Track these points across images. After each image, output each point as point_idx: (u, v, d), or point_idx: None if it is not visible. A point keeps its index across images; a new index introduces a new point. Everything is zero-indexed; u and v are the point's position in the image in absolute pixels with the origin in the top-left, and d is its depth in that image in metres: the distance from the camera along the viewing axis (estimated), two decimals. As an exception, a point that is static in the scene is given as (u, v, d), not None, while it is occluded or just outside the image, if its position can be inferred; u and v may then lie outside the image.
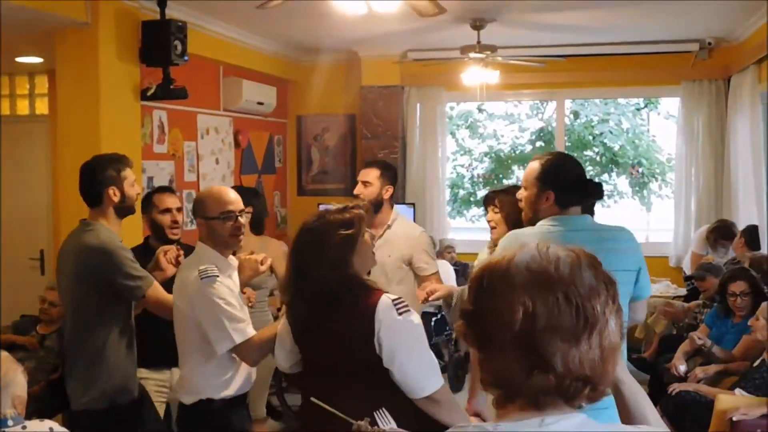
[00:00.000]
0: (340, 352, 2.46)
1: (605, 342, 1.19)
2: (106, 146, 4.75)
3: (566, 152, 3.38)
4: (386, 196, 4.13)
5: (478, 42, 5.98)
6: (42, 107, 6.85)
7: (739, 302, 4.89)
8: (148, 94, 5.07)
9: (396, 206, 4.34)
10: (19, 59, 6.16)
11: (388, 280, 4.11)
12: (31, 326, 4.94)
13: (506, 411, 1.23)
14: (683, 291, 6.72)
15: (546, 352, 1.16)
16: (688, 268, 6.72)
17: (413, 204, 7.47)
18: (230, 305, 2.86)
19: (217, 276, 2.89)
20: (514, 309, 1.18)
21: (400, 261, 4.15)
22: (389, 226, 4.14)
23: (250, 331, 2.85)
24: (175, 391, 3.13)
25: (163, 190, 4.11)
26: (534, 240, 1.29)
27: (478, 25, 5.92)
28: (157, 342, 3.44)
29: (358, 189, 4.18)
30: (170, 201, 3.98)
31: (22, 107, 6.99)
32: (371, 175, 4.15)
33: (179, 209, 4.07)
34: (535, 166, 2.88)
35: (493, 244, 3.94)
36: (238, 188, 4.20)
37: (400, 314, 2.45)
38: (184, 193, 6.04)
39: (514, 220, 3.86)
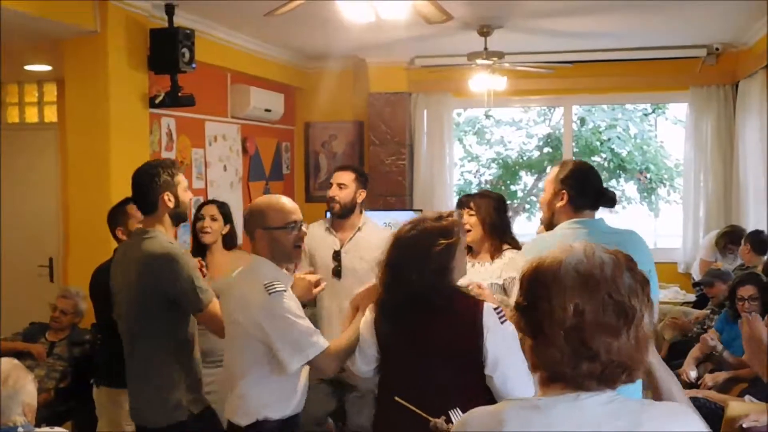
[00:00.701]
0: (440, 358, 2.49)
1: (641, 333, 1.38)
2: (114, 154, 4.78)
3: (581, 161, 3.48)
4: (359, 199, 4.26)
5: (486, 48, 5.98)
6: (51, 115, 6.88)
7: (747, 306, 4.87)
8: (157, 101, 5.09)
9: (404, 212, 4.41)
10: (27, 67, 6.19)
11: (360, 283, 4.06)
12: (41, 334, 4.95)
13: (549, 389, 1.42)
14: (692, 297, 6.70)
15: (593, 345, 1.35)
16: (697, 275, 6.70)
17: (421, 210, 7.46)
18: (301, 318, 2.76)
19: (285, 290, 2.79)
20: (565, 308, 1.36)
21: (371, 264, 4.12)
22: (359, 229, 4.26)
23: (324, 341, 2.75)
24: (226, 411, 2.93)
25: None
26: (556, 241, 1.55)
27: (485, 32, 5.93)
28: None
29: (333, 191, 4.26)
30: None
31: (31, 115, 7.02)
32: (346, 177, 4.25)
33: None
34: (554, 169, 3.09)
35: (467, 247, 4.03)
36: (213, 202, 4.32)
37: (501, 322, 2.49)
38: (192, 200, 6.05)
39: (489, 223, 3.93)
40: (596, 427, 1.35)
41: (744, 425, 3.92)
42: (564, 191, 2.99)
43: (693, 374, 4.80)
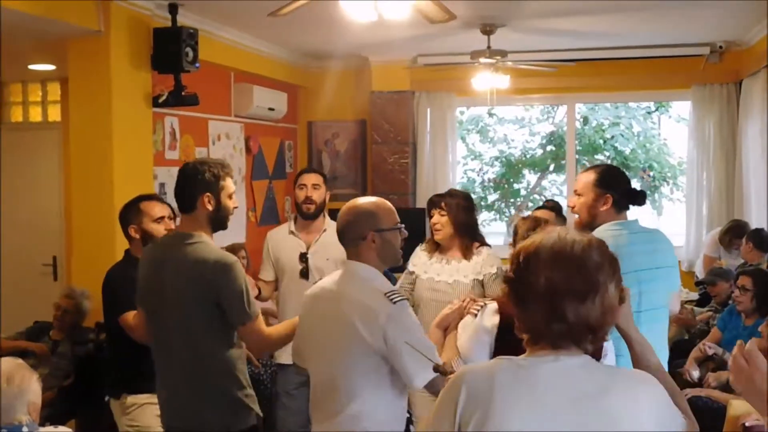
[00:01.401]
0: None
1: (606, 301, 1.66)
2: (118, 153, 4.79)
3: (613, 165, 3.68)
4: (327, 200, 4.39)
5: (489, 47, 5.98)
6: (54, 114, 6.90)
7: (738, 294, 4.92)
8: (160, 100, 5.10)
9: (407, 210, 4.45)
10: (31, 67, 6.21)
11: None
12: (44, 332, 4.97)
13: (532, 350, 1.70)
14: (695, 295, 6.69)
15: (561, 308, 1.63)
16: (700, 272, 6.70)
17: (424, 209, 7.45)
18: (422, 330, 2.65)
19: (407, 298, 2.69)
20: (539, 277, 1.65)
21: (338, 264, 4.16)
22: (325, 230, 4.32)
23: (438, 357, 2.57)
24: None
25: (151, 198, 3.72)
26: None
27: (488, 30, 5.93)
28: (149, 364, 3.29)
29: (310, 192, 4.29)
30: (161, 209, 3.66)
31: (35, 114, 7.04)
32: (318, 179, 4.35)
33: (171, 217, 3.85)
34: (590, 174, 3.25)
35: (434, 246, 4.16)
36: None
37: None
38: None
39: (459, 222, 4.04)
40: (573, 384, 1.63)
41: (747, 424, 3.92)
42: (608, 195, 3.17)
43: (695, 374, 4.80)
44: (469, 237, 4.10)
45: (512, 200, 11.20)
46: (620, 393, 1.63)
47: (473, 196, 4.49)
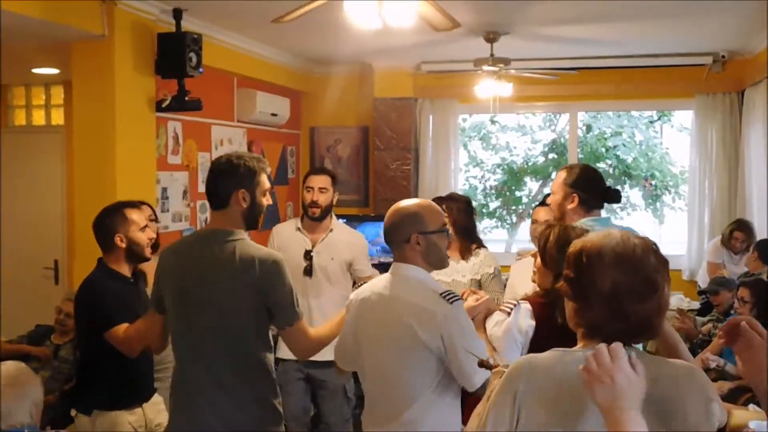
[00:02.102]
0: None
1: (662, 301, 1.76)
2: (120, 157, 4.80)
3: (585, 164, 3.73)
4: (334, 202, 4.51)
5: (492, 55, 5.99)
6: (57, 118, 6.92)
7: (738, 305, 4.92)
8: (163, 105, 5.10)
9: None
10: (35, 70, 6.23)
11: (330, 282, 4.46)
12: (46, 336, 4.97)
13: (587, 343, 1.76)
14: (696, 305, 6.68)
15: (626, 309, 1.70)
16: (702, 280, 6.69)
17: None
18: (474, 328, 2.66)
19: (462, 298, 2.68)
20: (605, 280, 1.71)
21: (342, 264, 4.48)
22: (331, 231, 4.44)
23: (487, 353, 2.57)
24: None
25: (133, 204, 3.56)
26: None
27: (491, 38, 5.93)
28: (127, 379, 3.29)
29: (315, 195, 4.39)
30: (145, 216, 3.56)
31: (38, 118, 7.06)
32: (326, 181, 4.45)
33: (152, 219, 3.76)
34: (562, 173, 3.37)
35: None
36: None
37: None
38: (197, 204, 6.07)
39: (459, 224, 4.20)
40: None
41: (751, 426, 3.92)
42: (574, 194, 3.27)
43: None
44: (468, 239, 4.27)
45: (514, 207, 11.19)
46: (668, 382, 1.70)
47: (474, 203, 4.55)
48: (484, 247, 4.37)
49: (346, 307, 2.89)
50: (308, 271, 4.42)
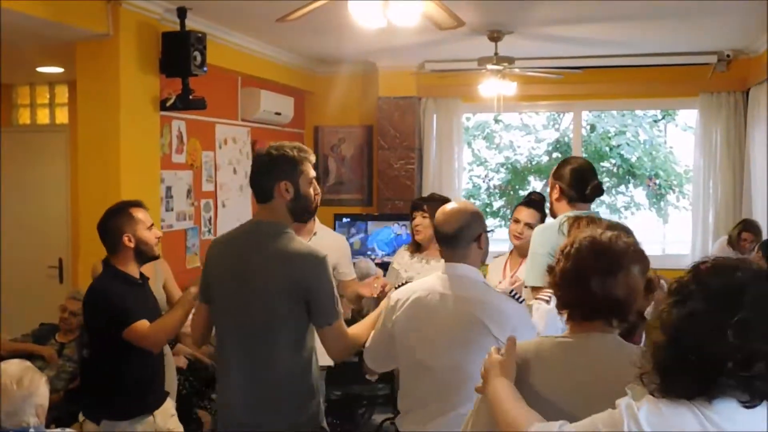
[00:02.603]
0: None
1: (630, 283, 1.84)
2: (125, 156, 4.80)
3: (582, 158, 3.72)
4: (319, 202, 4.14)
5: (496, 54, 5.99)
6: (62, 117, 6.93)
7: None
8: (168, 104, 5.11)
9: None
10: (39, 69, 6.24)
11: None
12: (50, 335, 4.97)
13: (572, 325, 1.90)
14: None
15: (588, 284, 1.83)
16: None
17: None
18: None
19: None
20: (574, 262, 1.87)
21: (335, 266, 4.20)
22: (315, 234, 4.13)
23: None
24: None
25: (137, 204, 3.44)
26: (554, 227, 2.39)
27: (495, 37, 5.93)
28: (139, 387, 3.23)
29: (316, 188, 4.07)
30: (149, 216, 3.48)
31: (43, 116, 7.07)
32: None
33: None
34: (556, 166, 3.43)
35: (416, 246, 4.35)
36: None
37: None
38: (201, 203, 6.08)
39: None
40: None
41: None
42: (556, 185, 3.33)
43: None
44: None
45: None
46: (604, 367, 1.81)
47: (478, 203, 4.55)
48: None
49: (386, 307, 2.83)
50: None
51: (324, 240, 4.20)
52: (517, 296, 2.67)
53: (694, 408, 1.43)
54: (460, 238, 2.72)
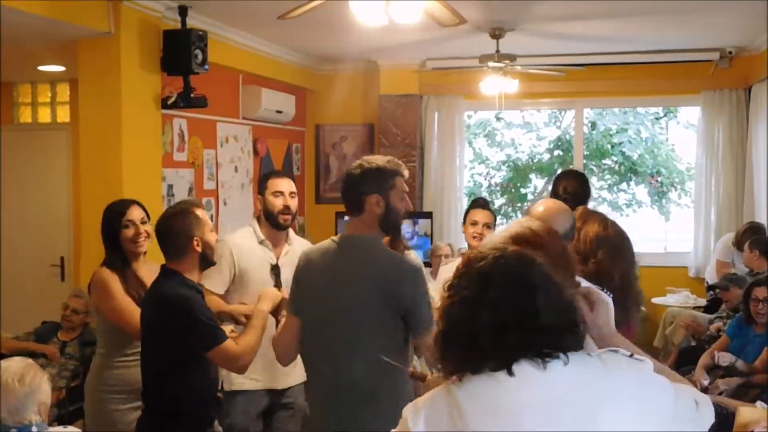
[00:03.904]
0: None
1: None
2: (126, 154, 4.80)
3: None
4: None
5: (497, 51, 5.98)
6: (63, 115, 6.92)
7: (761, 308, 4.86)
8: (169, 102, 5.11)
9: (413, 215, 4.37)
10: (41, 68, 6.23)
11: None
12: (53, 333, 4.98)
13: None
14: (703, 301, 6.66)
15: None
16: (711, 278, 6.65)
17: (431, 213, 7.46)
18: None
19: None
20: None
21: None
22: (291, 244, 3.89)
23: None
24: None
25: (197, 204, 3.30)
26: None
27: (497, 35, 5.92)
28: (205, 404, 3.06)
29: (287, 200, 3.75)
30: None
31: (44, 115, 7.06)
32: (293, 185, 3.85)
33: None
34: None
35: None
36: (135, 202, 3.64)
37: None
38: (203, 201, 6.08)
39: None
40: None
41: (756, 431, 3.90)
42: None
43: (706, 383, 4.77)
44: (396, 239, 4.15)
45: (519, 205, 11.17)
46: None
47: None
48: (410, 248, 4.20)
49: None
50: (277, 288, 3.70)
51: (299, 249, 3.84)
52: None
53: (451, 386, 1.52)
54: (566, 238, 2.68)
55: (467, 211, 4.34)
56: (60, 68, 6.23)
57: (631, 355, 1.58)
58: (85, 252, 5.04)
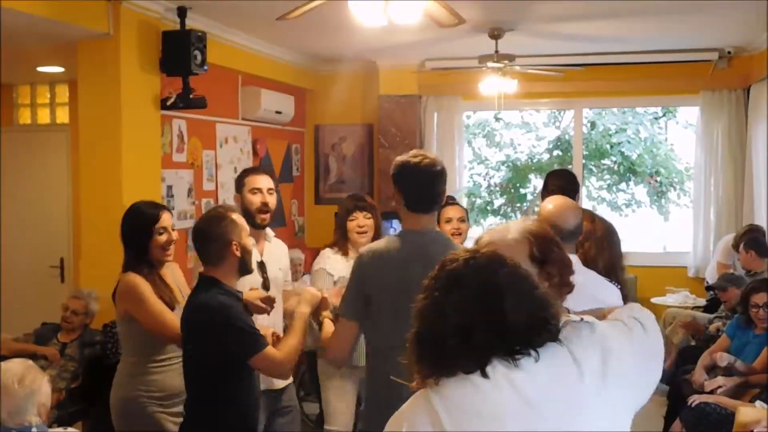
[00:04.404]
0: None
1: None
2: (126, 155, 4.80)
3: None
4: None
5: (496, 51, 5.98)
6: (63, 116, 6.92)
7: (761, 314, 4.85)
8: (168, 103, 5.11)
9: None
10: (40, 69, 6.23)
11: (278, 296, 3.81)
12: (52, 334, 4.97)
13: None
14: (702, 301, 6.66)
15: None
16: (711, 278, 6.64)
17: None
18: None
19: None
20: None
21: (284, 275, 3.98)
22: (269, 241, 3.86)
23: None
24: None
25: (233, 209, 3.20)
26: None
27: (496, 35, 5.93)
28: (251, 414, 3.02)
29: (265, 197, 3.72)
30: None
31: (43, 116, 7.06)
32: (271, 182, 3.80)
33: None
34: None
35: (345, 247, 4.25)
36: (165, 207, 3.56)
37: None
38: (202, 202, 6.08)
39: (379, 225, 4.34)
40: None
41: (755, 431, 3.91)
42: None
43: (705, 382, 4.78)
44: (344, 237, 4.24)
45: (518, 205, 11.17)
46: None
47: (479, 201, 4.55)
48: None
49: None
50: (266, 285, 3.73)
51: (276, 245, 3.87)
52: None
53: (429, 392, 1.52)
54: (574, 235, 2.75)
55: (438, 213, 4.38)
56: (59, 69, 6.23)
57: (581, 320, 1.63)
58: (85, 253, 5.04)
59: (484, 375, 1.49)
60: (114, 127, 4.78)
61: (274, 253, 3.88)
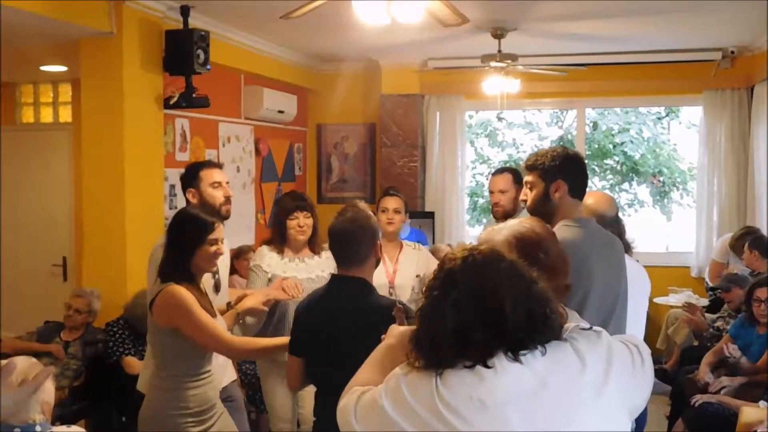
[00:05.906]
0: None
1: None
2: (129, 154, 4.80)
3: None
4: None
5: (499, 51, 5.98)
6: (65, 115, 6.93)
7: (763, 308, 4.85)
8: (171, 102, 5.11)
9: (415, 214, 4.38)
10: (43, 68, 6.24)
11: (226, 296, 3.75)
12: (55, 332, 4.98)
13: None
14: (705, 301, 6.65)
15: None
16: (707, 277, 6.65)
17: (432, 213, 7.46)
18: None
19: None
20: None
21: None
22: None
23: None
24: None
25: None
26: None
27: (499, 34, 5.92)
28: None
29: (227, 191, 3.68)
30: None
31: (46, 115, 7.07)
32: (226, 175, 3.78)
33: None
34: None
35: (281, 245, 4.14)
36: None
37: None
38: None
39: (316, 223, 4.19)
40: None
41: (758, 431, 3.90)
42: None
43: (709, 381, 4.77)
44: (315, 236, 4.18)
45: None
46: None
47: (481, 201, 4.54)
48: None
49: None
50: (218, 287, 3.67)
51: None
52: None
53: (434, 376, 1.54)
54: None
55: (378, 202, 4.48)
56: (62, 68, 6.23)
57: (590, 328, 1.63)
58: (88, 252, 5.05)
59: (486, 366, 1.51)
60: (117, 126, 4.78)
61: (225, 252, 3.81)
